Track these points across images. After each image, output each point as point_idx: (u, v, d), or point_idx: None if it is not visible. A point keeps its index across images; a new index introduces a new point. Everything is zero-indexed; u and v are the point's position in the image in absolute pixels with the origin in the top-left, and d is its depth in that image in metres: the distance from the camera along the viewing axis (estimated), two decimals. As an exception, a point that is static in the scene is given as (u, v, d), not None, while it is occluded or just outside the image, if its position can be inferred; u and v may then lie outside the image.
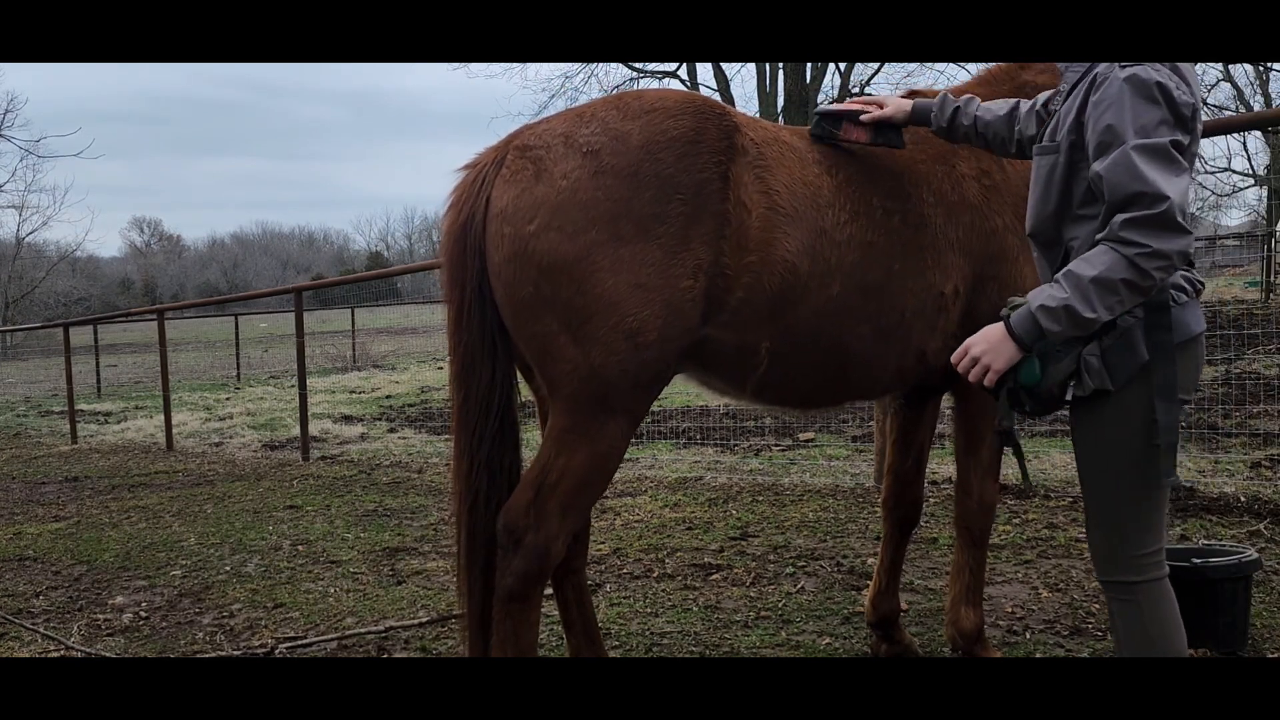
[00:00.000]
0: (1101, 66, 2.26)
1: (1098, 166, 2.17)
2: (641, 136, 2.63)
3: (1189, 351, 2.30)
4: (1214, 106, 28.10)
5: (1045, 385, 2.28)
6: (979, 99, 2.86)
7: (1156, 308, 2.24)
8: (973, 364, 2.30)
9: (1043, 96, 2.69)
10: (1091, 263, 2.14)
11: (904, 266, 2.93)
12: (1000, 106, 2.79)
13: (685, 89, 23.60)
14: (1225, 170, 32.71)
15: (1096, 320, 2.15)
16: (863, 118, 2.92)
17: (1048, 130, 2.42)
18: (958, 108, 2.84)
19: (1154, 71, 2.16)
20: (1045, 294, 2.20)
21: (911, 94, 3.30)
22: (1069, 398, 2.31)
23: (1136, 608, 2.32)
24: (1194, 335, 2.30)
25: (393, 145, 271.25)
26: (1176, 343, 2.26)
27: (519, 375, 2.91)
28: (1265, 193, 29.42)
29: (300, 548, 5.81)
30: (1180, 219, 2.09)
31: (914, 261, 2.95)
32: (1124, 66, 2.19)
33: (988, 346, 2.28)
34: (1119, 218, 2.12)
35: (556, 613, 3.47)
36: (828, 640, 3.85)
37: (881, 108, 2.93)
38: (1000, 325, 2.27)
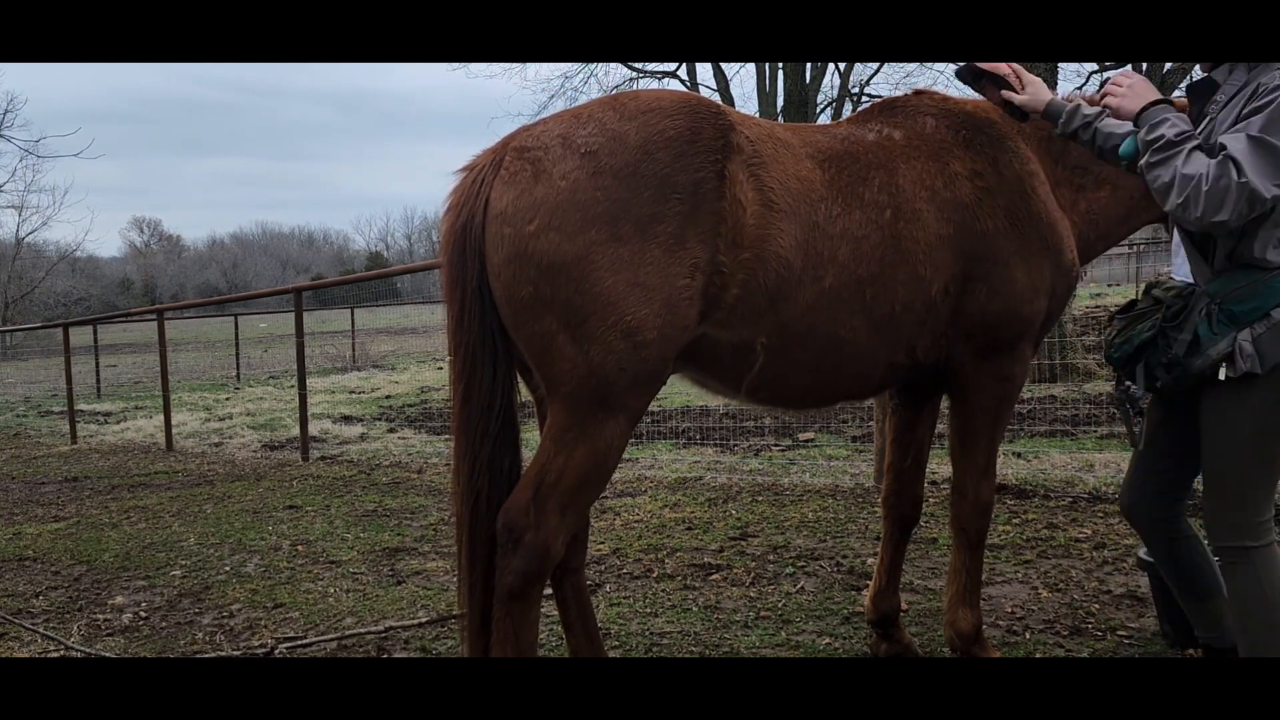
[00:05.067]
0: (1265, 76, 2.45)
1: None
2: (638, 137, 2.64)
3: None
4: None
5: (1203, 363, 2.54)
6: (1110, 114, 2.89)
7: None
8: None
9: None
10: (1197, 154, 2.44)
11: (896, 259, 2.95)
12: (1123, 127, 2.87)
13: (684, 89, 23.61)
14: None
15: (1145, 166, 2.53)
16: (1003, 93, 3.00)
17: (1201, 133, 2.58)
18: (1087, 123, 2.91)
19: None
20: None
21: (917, 93, 3.31)
22: (1222, 377, 2.53)
23: (1253, 569, 2.58)
24: None
25: (392, 145, 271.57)
26: None
27: (518, 375, 2.92)
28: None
29: (300, 548, 5.81)
30: None
31: (906, 255, 2.96)
32: None
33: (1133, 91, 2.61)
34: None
35: (556, 613, 3.47)
36: (828, 640, 3.85)
37: (1024, 88, 2.99)
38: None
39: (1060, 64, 10.21)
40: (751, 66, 24.11)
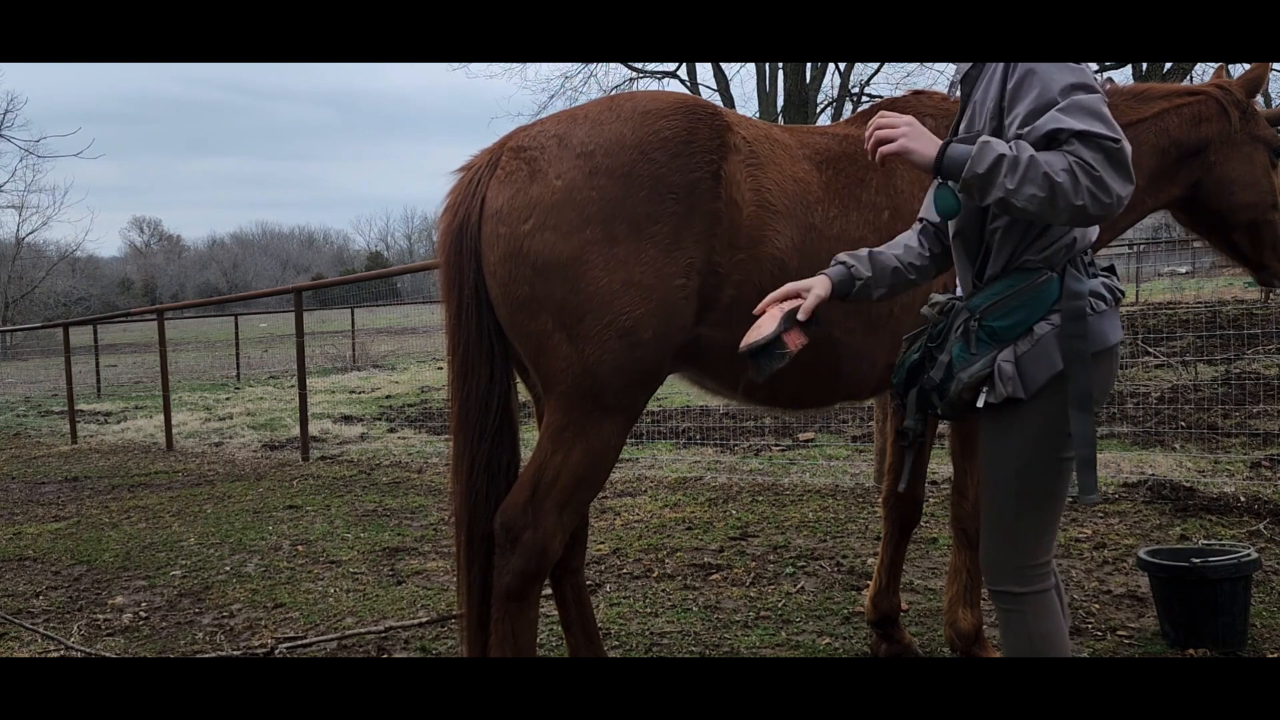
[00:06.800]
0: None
1: (1039, 122, 2.00)
2: (635, 137, 2.64)
3: (1104, 362, 2.17)
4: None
5: (956, 389, 2.15)
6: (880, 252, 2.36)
7: (1074, 316, 2.11)
8: (889, 129, 2.10)
9: None
10: (1040, 154, 1.97)
11: None
12: (898, 244, 2.41)
13: (684, 89, 23.57)
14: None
15: (1000, 189, 1.95)
16: (799, 316, 2.23)
17: (961, 126, 2.30)
18: (866, 280, 2.31)
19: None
20: (994, 139, 2.02)
21: (916, 94, 3.30)
22: (980, 404, 2.16)
23: (1023, 617, 2.26)
24: (1110, 345, 2.17)
25: (392, 145, 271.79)
26: (1091, 353, 2.11)
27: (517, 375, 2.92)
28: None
29: (300, 548, 5.81)
30: (1131, 167, 1.97)
31: None
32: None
33: (916, 130, 2.09)
34: (1076, 136, 1.95)
35: (556, 613, 3.47)
36: (828, 640, 3.85)
37: (802, 295, 2.26)
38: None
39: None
40: (751, 66, 24.13)
